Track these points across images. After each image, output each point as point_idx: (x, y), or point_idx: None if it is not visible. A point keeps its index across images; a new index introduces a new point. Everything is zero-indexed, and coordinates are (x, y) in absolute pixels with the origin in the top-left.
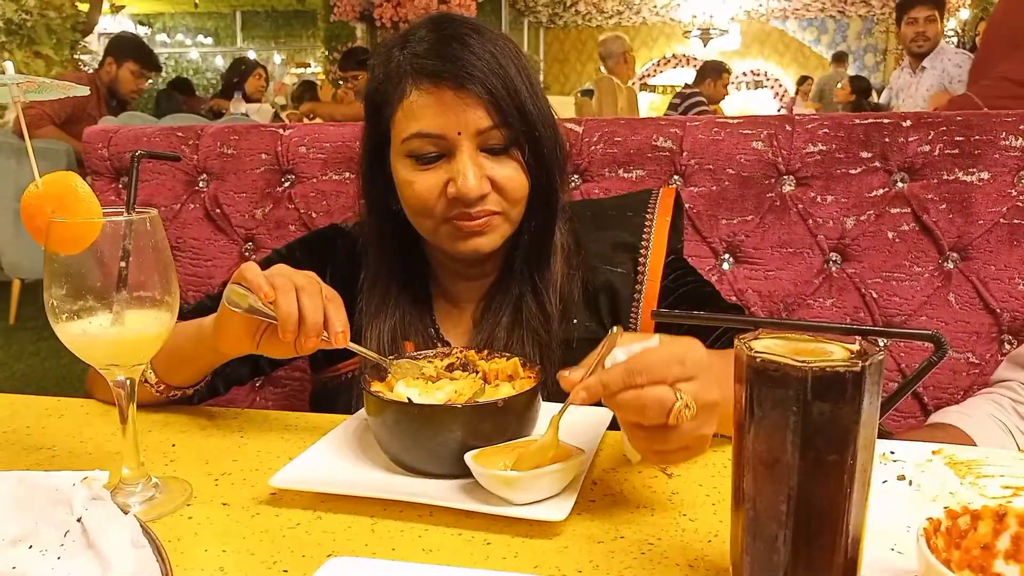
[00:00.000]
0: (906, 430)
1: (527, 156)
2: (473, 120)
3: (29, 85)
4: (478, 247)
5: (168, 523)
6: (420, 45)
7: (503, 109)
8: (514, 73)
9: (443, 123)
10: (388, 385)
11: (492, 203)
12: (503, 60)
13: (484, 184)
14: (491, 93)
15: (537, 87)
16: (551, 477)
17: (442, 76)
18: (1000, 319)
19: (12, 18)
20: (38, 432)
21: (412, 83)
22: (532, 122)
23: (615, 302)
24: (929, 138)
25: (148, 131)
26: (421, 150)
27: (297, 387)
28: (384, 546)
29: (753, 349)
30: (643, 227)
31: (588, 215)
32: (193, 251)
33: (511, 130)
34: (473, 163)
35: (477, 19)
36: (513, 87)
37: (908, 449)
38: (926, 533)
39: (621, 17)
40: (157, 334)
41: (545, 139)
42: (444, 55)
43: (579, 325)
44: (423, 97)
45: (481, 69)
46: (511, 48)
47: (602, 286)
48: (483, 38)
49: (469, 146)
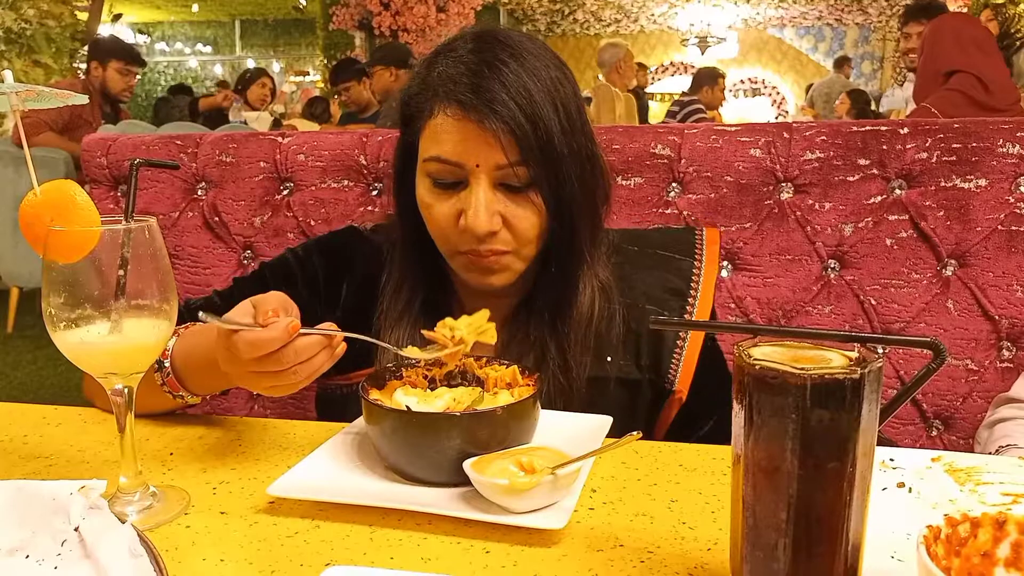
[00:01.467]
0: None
1: (548, 196)
2: (492, 155)
3: (28, 94)
4: (490, 283)
5: (166, 532)
6: (455, 66)
7: (526, 147)
8: (547, 108)
9: (462, 152)
10: (387, 393)
11: (501, 242)
12: (538, 93)
13: (494, 221)
14: (515, 130)
15: (576, 121)
16: (550, 485)
17: (467, 105)
18: (998, 325)
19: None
20: (35, 441)
21: (440, 105)
22: (558, 161)
23: (658, 348)
24: (927, 145)
25: (147, 139)
26: (439, 174)
27: (295, 396)
28: (382, 555)
29: (752, 357)
30: (692, 274)
31: (634, 251)
32: (191, 259)
33: (531, 169)
34: (486, 198)
35: (524, 39)
36: (542, 125)
37: (908, 456)
38: (926, 541)
39: (619, 25)
40: (155, 342)
41: (573, 179)
42: (474, 83)
43: (614, 364)
44: (447, 122)
45: (508, 104)
46: (552, 78)
47: (644, 326)
48: (522, 65)
49: (485, 179)
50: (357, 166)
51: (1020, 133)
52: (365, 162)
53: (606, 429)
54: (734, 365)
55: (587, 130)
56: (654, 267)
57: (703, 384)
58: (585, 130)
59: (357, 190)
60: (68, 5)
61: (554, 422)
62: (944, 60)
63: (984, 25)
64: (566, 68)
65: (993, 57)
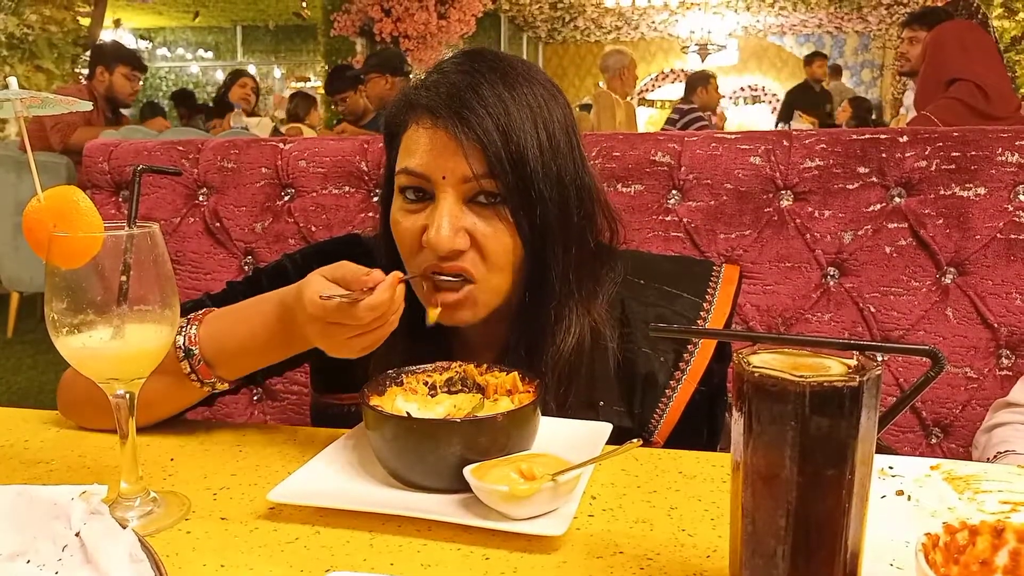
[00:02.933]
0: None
1: (519, 217)
2: (460, 166)
3: (32, 100)
4: (456, 320)
5: (166, 537)
6: (436, 80)
7: (495, 159)
8: (525, 123)
9: (428, 163)
10: (387, 400)
11: (468, 261)
12: (516, 109)
13: (460, 238)
14: (483, 140)
15: (561, 143)
16: (550, 492)
17: (438, 115)
18: (998, 334)
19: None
20: (36, 446)
21: (414, 117)
22: (530, 179)
23: (651, 392)
24: (926, 153)
25: (149, 145)
26: (407, 185)
27: (295, 401)
28: (382, 561)
29: (751, 364)
30: (698, 316)
31: (639, 284)
32: (192, 264)
33: (500, 183)
34: (450, 211)
35: (516, 61)
36: (515, 138)
37: (907, 464)
38: (924, 548)
39: (620, 32)
40: (157, 348)
41: (548, 201)
42: (449, 94)
43: (606, 410)
44: (418, 133)
45: (480, 115)
46: (538, 97)
47: (641, 371)
48: (504, 81)
49: (453, 193)
50: (358, 172)
51: (1019, 142)
52: (366, 168)
53: (606, 436)
54: (733, 372)
55: (576, 156)
56: (656, 304)
57: (679, 435)
58: (573, 155)
59: (358, 196)
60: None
61: (554, 429)
62: (946, 68)
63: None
64: (560, 95)
65: (995, 65)
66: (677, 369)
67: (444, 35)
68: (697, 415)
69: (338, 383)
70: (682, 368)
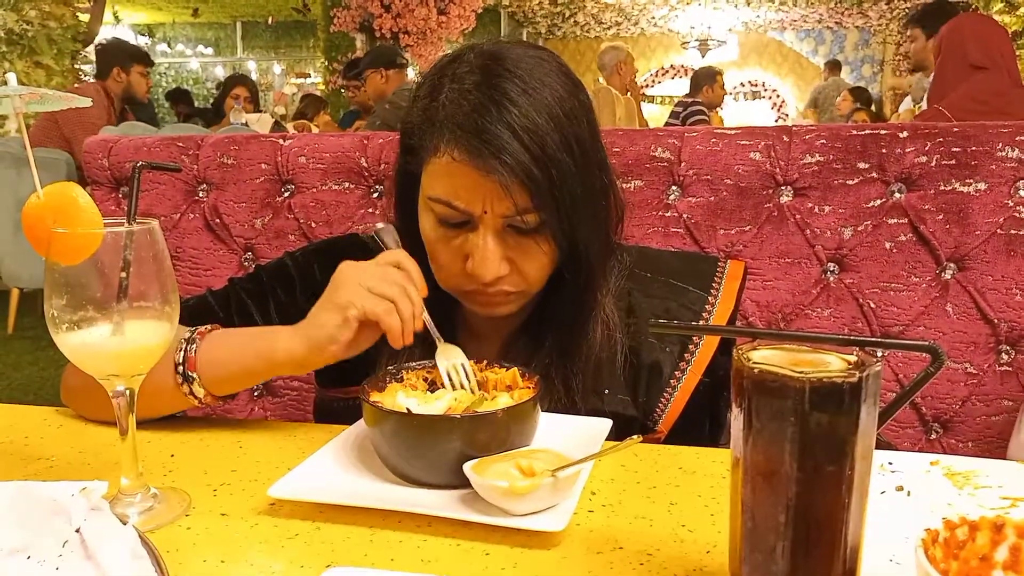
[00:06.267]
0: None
1: (560, 240)
2: (501, 203)
3: (32, 96)
4: (495, 314)
5: (167, 533)
6: (460, 102)
7: (536, 193)
8: (560, 150)
9: (469, 199)
10: (387, 395)
11: (509, 283)
12: (549, 134)
13: (502, 266)
14: (524, 179)
15: (591, 152)
16: (550, 488)
17: (474, 153)
18: (998, 329)
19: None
20: (36, 442)
21: (445, 146)
22: (571, 205)
23: (655, 384)
24: (926, 149)
25: (148, 141)
26: (444, 215)
27: (296, 397)
28: (383, 556)
29: (751, 360)
30: (703, 310)
31: (645, 276)
32: (192, 260)
33: (542, 214)
34: (493, 244)
35: (533, 63)
36: (555, 171)
37: (906, 460)
38: (924, 544)
39: (619, 28)
40: (157, 344)
41: (587, 220)
42: (480, 126)
43: (611, 398)
44: (453, 166)
45: (517, 152)
46: (565, 107)
47: (646, 361)
48: (532, 100)
49: (493, 224)
50: (358, 168)
51: (1019, 137)
52: (366, 164)
53: (606, 432)
54: (733, 368)
55: (601, 157)
56: (663, 297)
57: (683, 426)
58: (599, 158)
59: (358, 192)
60: (70, 6)
61: (554, 425)
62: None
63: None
64: (580, 87)
65: (1010, 59)
66: (682, 360)
67: (444, 31)
68: (701, 406)
69: (345, 377)
70: (687, 359)
